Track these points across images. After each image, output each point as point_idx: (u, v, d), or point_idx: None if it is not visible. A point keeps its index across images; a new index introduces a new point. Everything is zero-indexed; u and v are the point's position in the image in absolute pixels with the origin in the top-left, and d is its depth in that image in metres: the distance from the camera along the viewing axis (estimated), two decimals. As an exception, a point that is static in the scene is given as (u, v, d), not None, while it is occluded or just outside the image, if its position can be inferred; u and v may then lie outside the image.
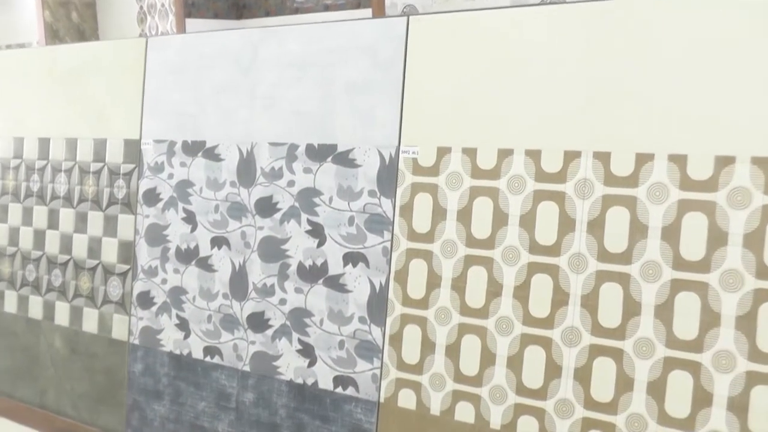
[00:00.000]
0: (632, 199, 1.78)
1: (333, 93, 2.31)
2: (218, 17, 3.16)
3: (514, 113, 1.96)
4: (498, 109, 1.99)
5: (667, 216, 1.74)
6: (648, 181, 1.76)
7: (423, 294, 2.13)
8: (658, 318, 1.74)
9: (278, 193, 2.42)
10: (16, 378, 3.24)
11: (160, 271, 2.72)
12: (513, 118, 1.96)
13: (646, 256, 1.76)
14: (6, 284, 3.26)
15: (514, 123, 1.96)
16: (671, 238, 1.73)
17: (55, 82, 3.06)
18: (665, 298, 1.74)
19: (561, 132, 1.88)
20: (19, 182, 3.18)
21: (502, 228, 1.98)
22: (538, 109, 1.92)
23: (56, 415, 3.08)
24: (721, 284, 1.68)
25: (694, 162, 1.71)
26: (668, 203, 1.74)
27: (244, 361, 2.52)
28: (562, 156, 1.88)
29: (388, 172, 2.19)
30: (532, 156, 1.93)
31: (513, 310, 1.96)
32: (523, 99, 1.94)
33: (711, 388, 1.69)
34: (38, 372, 3.15)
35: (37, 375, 3.16)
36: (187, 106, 2.64)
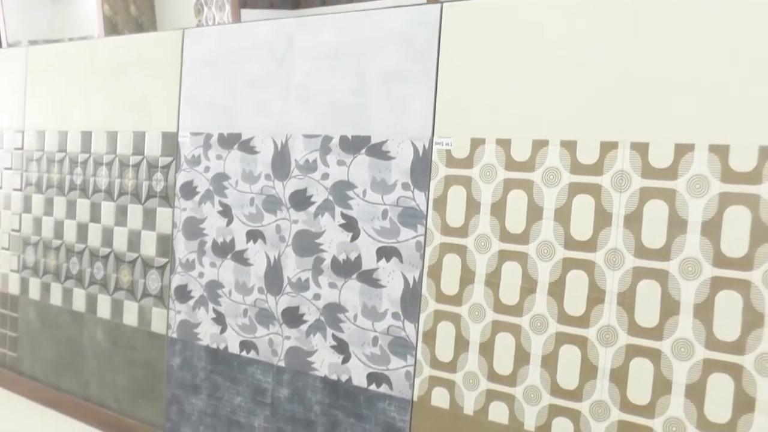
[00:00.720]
0: (671, 192, 1.75)
1: (367, 83, 2.33)
2: (274, 7, 3.21)
3: (549, 103, 1.95)
4: (533, 99, 1.98)
5: (708, 210, 1.70)
6: (688, 173, 1.73)
7: (457, 290, 2.14)
8: (697, 318, 1.71)
9: (312, 186, 2.46)
10: (61, 369, 3.39)
11: (197, 264, 2.80)
12: (548, 109, 1.95)
13: (685, 253, 1.73)
14: (52, 276, 3.40)
15: (549, 113, 1.95)
16: (712, 233, 1.70)
17: (97, 75, 3.17)
18: (705, 297, 1.70)
19: (597, 122, 1.86)
20: (63, 175, 3.32)
21: (537, 222, 1.97)
22: (574, 98, 1.91)
23: (99, 407, 3.20)
24: (766, 283, 1.64)
25: (737, 153, 1.67)
26: (709, 196, 1.70)
27: (279, 356, 2.57)
28: (599, 147, 1.86)
29: (422, 164, 2.21)
30: (568, 147, 1.91)
31: (548, 307, 1.95)
32: (559, 88, 1.93)
33: (753, 393, 1.65)
34: (82, 364, 3.28)
35: (80, 367, 3.29)
36: (223, 98, 2.70)
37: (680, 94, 1.74)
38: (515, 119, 2.02)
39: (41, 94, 3.45)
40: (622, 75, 1.83)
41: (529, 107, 1.99)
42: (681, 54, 1.74)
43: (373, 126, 2.32)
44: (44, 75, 3.45)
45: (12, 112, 3.59)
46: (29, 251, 3.52)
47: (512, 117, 2.02)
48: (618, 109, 1.83)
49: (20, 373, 3.62)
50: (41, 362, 3.50)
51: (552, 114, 1.95)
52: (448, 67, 2.16)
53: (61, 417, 3.33)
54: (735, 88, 1.68)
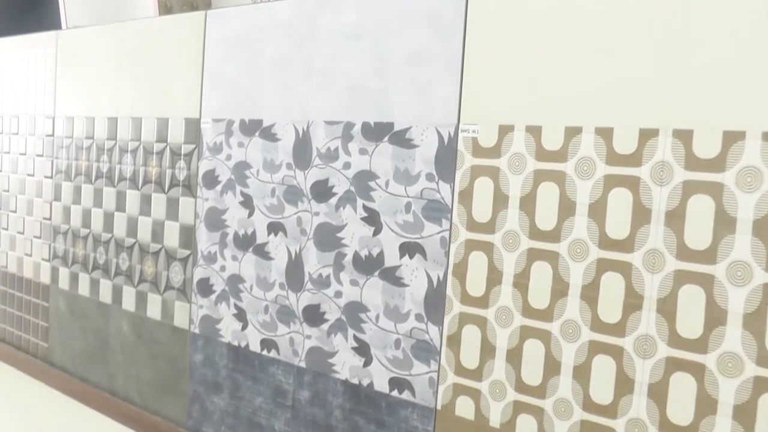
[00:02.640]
0: (718, 187, 1.58)
1: (389, 65, 2.21)
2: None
3: (583, 86, 1.79)
4: (566, 82, 1.83)
5: (761, 207, 1.53)
6: (737, 164, 1.56)
7: (483, 291, 2.01)
8: (747, 329, 1.54)
9: (334, 176, 2.36)
10: (89, 361, 3.39)
11: (219, 257, 2.73)
12: (582, 92, 1.80)
13: (734, 255, 1.56)
14: (80, 266, 3.40)
15: (583, 97, 1.80)
16: (764, 233, 1.52)
17: (123, 59, 3.13)
18: (756, 306, 1.53)
19: (636, 107, 1.70)
20: (90, 163, 3.30)
21: (569, 218, 1.82)
22: (611, 81, 1.75)
23: (123, 401, 3.19)
24: (827, 291, 1.46)
25: (795, 142, 1.49)
26: (762, 191, 1.52)
27: (300, 356, 2.49)
28: (637, 134, 1.70)
29: (447, 153, 2.08)
30: (603, 135, 1.75)
31: (580, 312, 1.80)
32: (595, 70, 1.77)
33: (810, 417, 1.48)
34: (108, 356, 3.27)
35: (107, 359, 3.28)
36: (245, 81, 2.62)
37: (729, 76, 1.57)
38: (546, 104, 1.87)
39: (71, 79, 3.44)
40: (665, 56, 1.66)
41: (562, 91, 1.84)
42: (731, 34, 1.57)
43: (396, 112, 2.20)
44: (74, 60, 3.43)
45: (43, 97, 3.60)
46: (59, 240, 3.53)
47: (543, 101, 1.87)
48: (659, 93, 1.67)
49: (51, 364, 3.64)
50: (71, 353, 3.51)
51: (586, 98, 1.79)
52: (475, 48, 2.02)
53: (89, 411, 3.33)
54: (794, 68, 1.50)
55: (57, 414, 3.30)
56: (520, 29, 1.92)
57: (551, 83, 1.85)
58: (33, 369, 3.74)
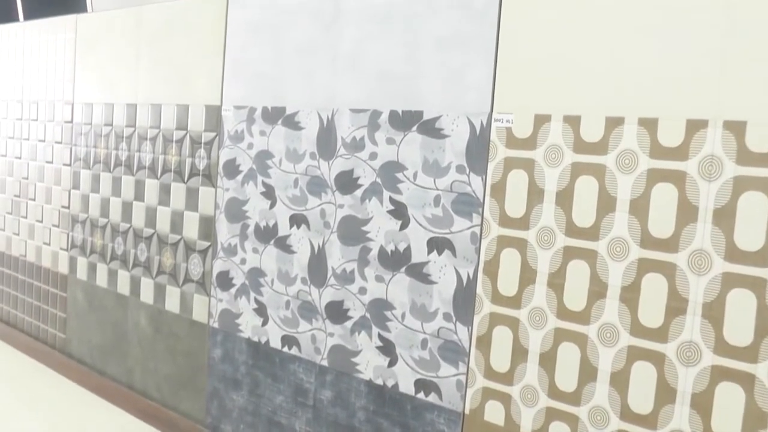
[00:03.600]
0: (773, 183, 1.49)
1: (419, 50, 2.14)
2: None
3: (626, 74, 1.71)
4: (607, 69, 1.74)
5: (820, 206, 1.44)
6: (795, 160, 1.47)
7: (515, 290, 1.93)
8: (802, 338, 1.46)
9: (359, 167, 2.30)
10: (107, 354, 3.37)
11: (239, 249, 2.68)
12: (625, 80, 1.71)
13: (789, 258, 1.48)
14: (98, 256, 3.37)
15: (626, 86, 1.71)
16: (823, 235, 1.44)
17: (142, 44, 3.09)
18: (813, 313, 1.45)
19: (683, 96, 1.62)
20: (109, 150, 3.27)
21: (609, 215, 1.74)
22: (656, 69, 1.66)
23: (141, 396, 3.16)
24: None
25: None
26: (821, 190, 1.44)
27: (323, 354, 2.43)
28: (684, 126, 1.61)
29: (479, 144, 2.00)
30: (647, 126, 1.67)
31: (619, 315, 1.73)
32: (639, 57, 1.69)
33: None
34: (126, 349, 3.25)
35: (125, 352, 3.26)
36: (268, 67, 2.56)
37: (789, 61, 1.48)
38: (586, 92, 1.78)
39: (90, 65, 3.41)
40: (716, 41, 1.57)
41: (603, 78, 1.75)
42: (791, 12, 1.48)
43: (425, 99, 2.13)
44: (93, 44, 3.40)
45: (63, 82, 3.57)
46: (77, 229, 3.51)
47: (582, 89, 1.79)
48: (709, 82, 1.58)
49: (69, 356, 3.63)
50: (88, 345, 3.50)
51: (629, 86, 1.71)
52: (510, 31, 1.94)
53: (106, 405, 3.31)
54: None
55: (75, 407, 3.29)
56: (559, 11, 1.83)
57: (591, 70, 1.77)
58: (51, 360, 3.74)
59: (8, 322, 4.15)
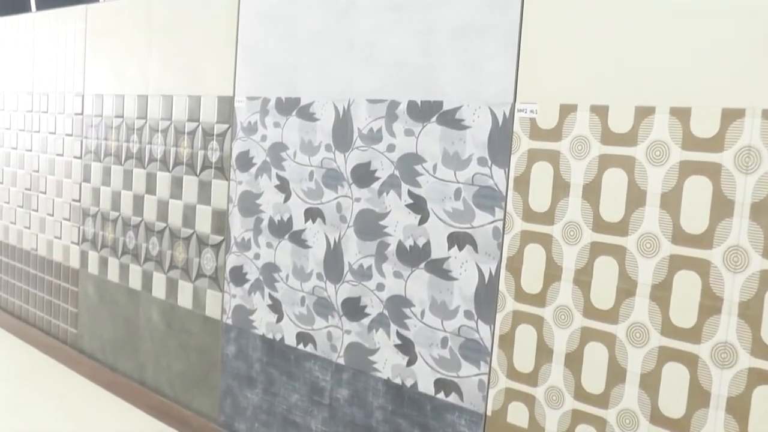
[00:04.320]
0: (815, 177, 1.43)
1: (438, 39, 2.08)
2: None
3: (657, 61, 1.65)
4: (637, 56, 1.68)
5: None
6: (839, 151, 1.40)
7: (540, 288, 1.88)
8: None
9: (377, 159, 2.24)
10: (118, 349, 3.34)
11: (253, 244, 2.64)
12: (656, 68, 1.65)
13: (832, 255, 1.41)
14: (110, 251, 3.34)
15: (657, 74, 1.65)
16: None
17: (153, 33, 3.05)
18: None
19: (719, 84, 1.56)
20: (120, 143, 3.24)
21: (639, 209, 1.68)
22: (689, 55, 1.60)
23: (153, 392, 3.13)
24: None
25: None
26: None
27: (339, 352, 2.39)
28: (719, 116, 1.55)
29: (501, 136, 1.95)
30: (679, 116, 1.61)
31: (649, 314, 1.67)
32: (671, 43, 1.62)
33: None
34: (138, 344, 3.22)
35: (136, 347, 3.23)
36: (281, 57, 2.51)
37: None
38: (614, 80, 1.72)
39: (100, 55, 3.37)
40: (756, 26, 1.50)
41: (632, 66, 1.69)
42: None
43: (445, 89, 2.07)
44: (103, 35, 3.37)
45: (73, 74, 3.54)
46: (88, 223, 3.48)
47: (610, 78, 1.73)
48: (746, 69, 1.51)
49: (80, 351, 3.61)
50: (100, 340, 3.47)
51: (660, 74, 1.64)
52: (533, 17, 1.88)
53: (118, 401, 3.29)
54: None
55: (86, 403, 3.27)
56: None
57: (620, 57, 1.71)
58: (62, 356, 3.72)
59: (20, 317, 4.14)
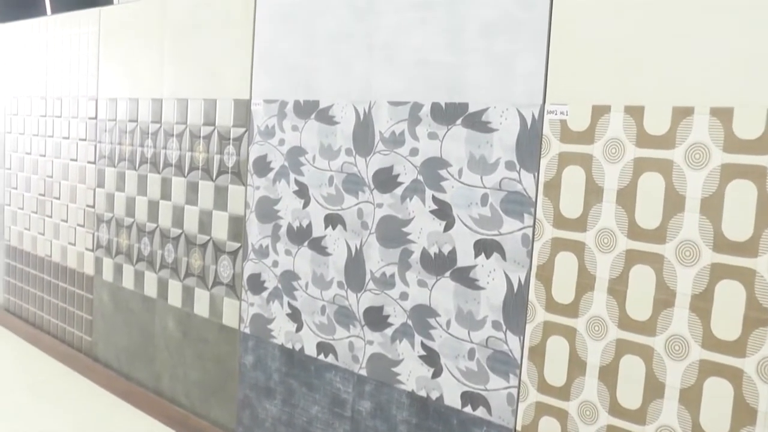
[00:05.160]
0: None
1: (463, 36, 2.02)
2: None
3: (696, 59, 1.58)
4: (675, 54, 1.61)
5: None
6: None
7: (572, 297, 1.81)
8: None
9: (399, 164, 2.18)
10: (134, 358, 3.31)
11: (271, 251, 2.59)
12: (695, 66, 1.59)
13: None
14: (124, 257, 3.31)
15: (696, 72, 1.58)
16: None
17: (167, 35, 3.01)
18: None
19: (762, 83, 1.48)
20: (134, 147, 3.20)
21: (677, 215, 1.62)
22: (731, 52, 1.53)
23: (170, 402, 3.09)
24: None
25: None
26: None
27: (361, 363, 2.33)
28: (765, 116, 1.48)
29: (530, 138, 1.88)
30: (721, 116, 1.54)
31: (689, 327, 1.60)
32: (712, 39, 1.56)
33: None
34: (153, 354, 3.18)
35: (152, 357, 3.19)
36: (299, 58, 2.46)
37: None
38: (650, 79, 1.66)
39: (114, 59, 3.34)
40: (802, 19, 1.44)
41: (669, 63, 1.62)
42: None
43: (471, 90, 2.01)
44: (117, 38, 3.33)
45: (86, 77, 3.51)
46: (103, 229, 3.45)
47: (646, 76, 1.66)
48: (795, 66, 1.45)
49: (95, 359, 3.57)
50: (115, 349, 3.44)
51: (700, 72, 1.58)
52: (564, 13, 1.82)
53: (134, 411, 3.25)
54: None
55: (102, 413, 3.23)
56: (620, -7, 1.71)
57: (656, 54, 1.64)
58: (77, 364, 3.69)
59: (34, 324, 4.11)
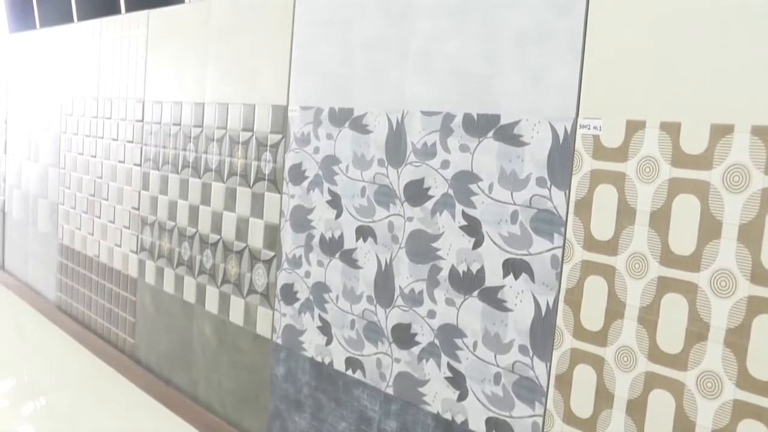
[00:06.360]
0: None
1: (497, 46, 1.95)
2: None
3: (737, 72, 1.48)
4: (714, 67, 1.51)
5: None
6: None
7: (601, 325, 1.72)
8: None
9: (430, 176, 2.12)
10: (172, 362, 3.33)
11: (304, 261, 2.56)
12: (736, 80, 1.48)
13: None
14: (166, 261, 3.33)
15: (736, 87, 1.48)
16: None
17: (211, 39, 3.02)
18: None
19: (809, 102, 1.37)
20: (177, 151, 3.22)
21: (713, 241, 1.51)
22: (775, 66, 1.42)
23: (205, 409, 3.10)
24: None
25: None
26: None
27: (388, 381, 2.28)
28: (809, 140, 1.37)
29: (562, 154, 1.80)
30: (762, 136, 1.44)
31: (723, 363, 1.50)
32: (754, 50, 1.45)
33: None
34: (191, 359, 3.19)
35: (189, 362, 3.20)
36: (335, 65, 2.42)
37: None
38: (687, 94, 1.56)
39: (160, 61, 3.37)
40: None
41: (708, 78, 1.52)
42: None
43: (503, 102, 1.94)
44: (163, 41, 3.36)
45: (134, 80, 3.55)
46: (146, 232, 3.48)
47: (683, 91, 1.56)
48: (843, 84, 1.33)
49: (137, 361, 3.61)
50: (155, 352, 3.47)
51: (741, 87, 1.47)
52: (599, 23, 1.73)
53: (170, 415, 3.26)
54: None
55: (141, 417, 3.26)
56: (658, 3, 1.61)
57: (694, 68, 1.54)
58: (120, 365, 3.73)
59: (82, 322, 4.19)
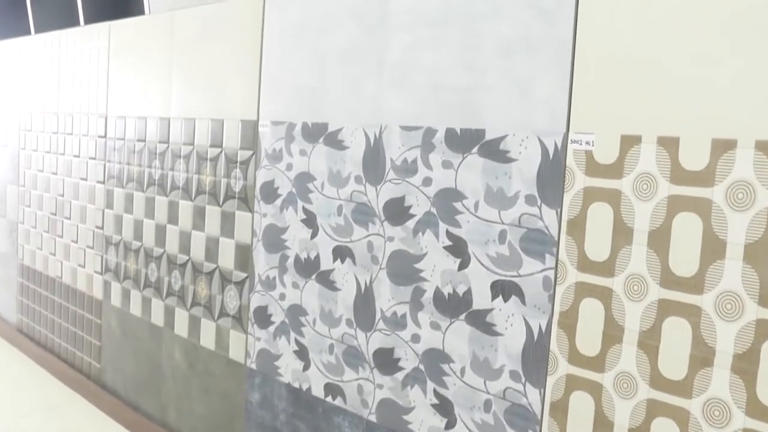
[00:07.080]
0: None
1: (481, 57, 1.86)
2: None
3: (739, 84, 1.41)
4: (713, 78, 1.44)
5: None
6: None
7: (597, 350, 1.65)
8: None
9: (411, 194, 2.03)
10: (140, 387, 3.20)
11: (278, 283, 2.45)
12: (737, 93, 1.41)
13: None
14: (132, 283, 3.20)
15: (738, 100, 1.41)
16: None
17: (175, 51, 2.90)
18: None
19: (819, 116, 1.30)
20: (143, 168, 3.09)
21: (717, 262, 1.44)
22: (780, 78, 1.35)
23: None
24: None
25: None
26: None
27: (370, 408, 2.18)
28: (820, 155, 1.30)
29: (552, 170, 1.72)
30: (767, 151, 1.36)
31: (731, 389, 1.42)
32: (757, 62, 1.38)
33: None
34: (160, 384, 3.07)
35: (159, 387, 3.08)
36: (308, 77, 2.32)
37: None
38: (686, 107, 1.49)
39: (123, 75, 3.24)
40: None
41: (708, 90, 1.45)
42: None
43: (487, 116, 1.85)
44: (125, 53, 3.23)
45: (96, 94, 3.41)
46: (111, 252, 3.34)
47: (682, 104, 1.49)
48: None
49: (103, 386, 3.47)
50: (122, 377, 3.33)
51: (743, 100, 1.40)
52: (589, 33, 1.65)
53: (140, 445, 3.14)
54: None
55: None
56: (650, 6, 1.53)
57: (693, 79, 1.47)
58: (85, 390, 3.59)
59: (45, 346, 4.03)
